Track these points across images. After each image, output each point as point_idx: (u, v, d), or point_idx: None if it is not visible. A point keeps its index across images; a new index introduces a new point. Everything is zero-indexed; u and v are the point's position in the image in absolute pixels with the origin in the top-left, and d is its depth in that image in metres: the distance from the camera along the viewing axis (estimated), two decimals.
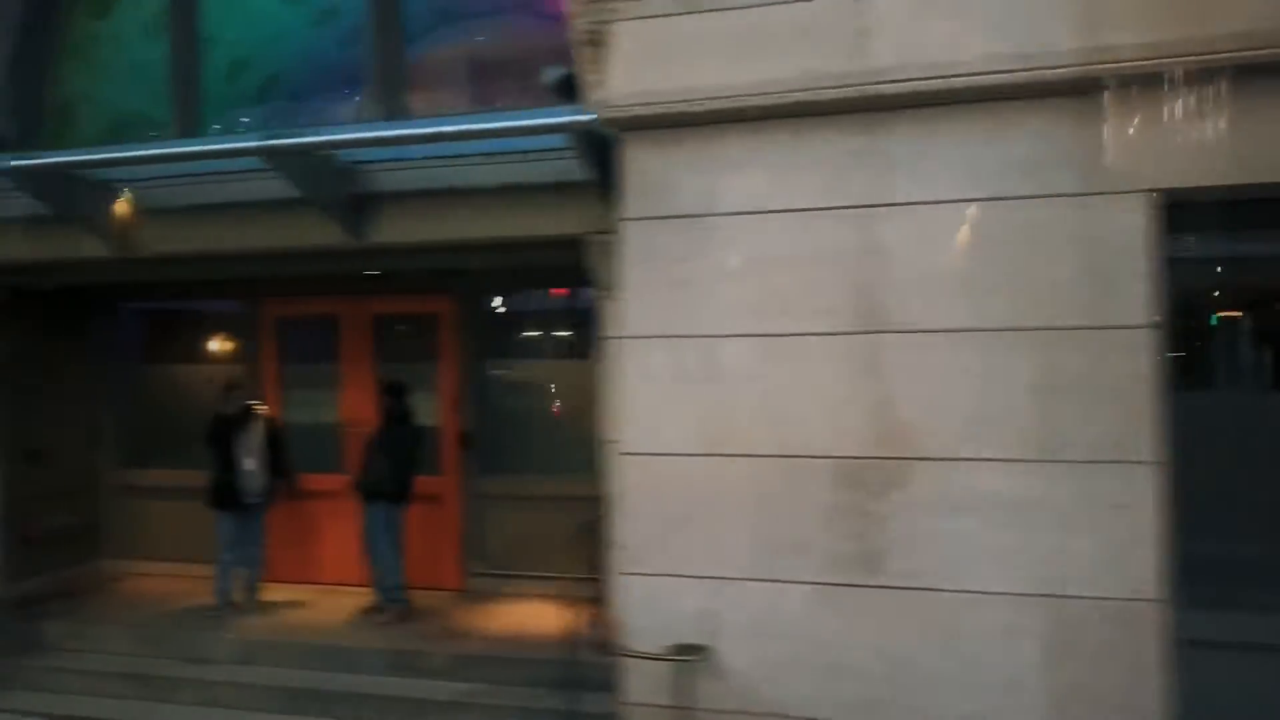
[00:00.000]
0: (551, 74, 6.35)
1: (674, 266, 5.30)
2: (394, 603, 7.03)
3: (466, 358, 7.83)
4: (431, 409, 7.76)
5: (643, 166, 5.34)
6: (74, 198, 6.63)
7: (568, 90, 6.33)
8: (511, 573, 7.62)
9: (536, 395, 7.84)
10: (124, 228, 6.44)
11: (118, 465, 8.76)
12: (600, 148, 5.59)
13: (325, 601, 7.60)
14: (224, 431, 7.27)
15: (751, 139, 5.14)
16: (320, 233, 6.47)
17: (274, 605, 7.47)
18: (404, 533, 7.16)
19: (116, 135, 8.57)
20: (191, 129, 7.33)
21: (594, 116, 5.15)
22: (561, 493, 7.51)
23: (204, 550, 8.29)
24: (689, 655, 5.05)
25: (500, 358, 7.98)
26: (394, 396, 7.21)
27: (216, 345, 8.71)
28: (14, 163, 5.95)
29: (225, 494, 7.24)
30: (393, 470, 7.02)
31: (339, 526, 7.95)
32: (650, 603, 5.29)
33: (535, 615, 7.08)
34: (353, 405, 8.11)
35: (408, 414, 7.24)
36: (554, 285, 7.76)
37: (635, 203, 5.38)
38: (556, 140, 5.99)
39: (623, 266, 5.45)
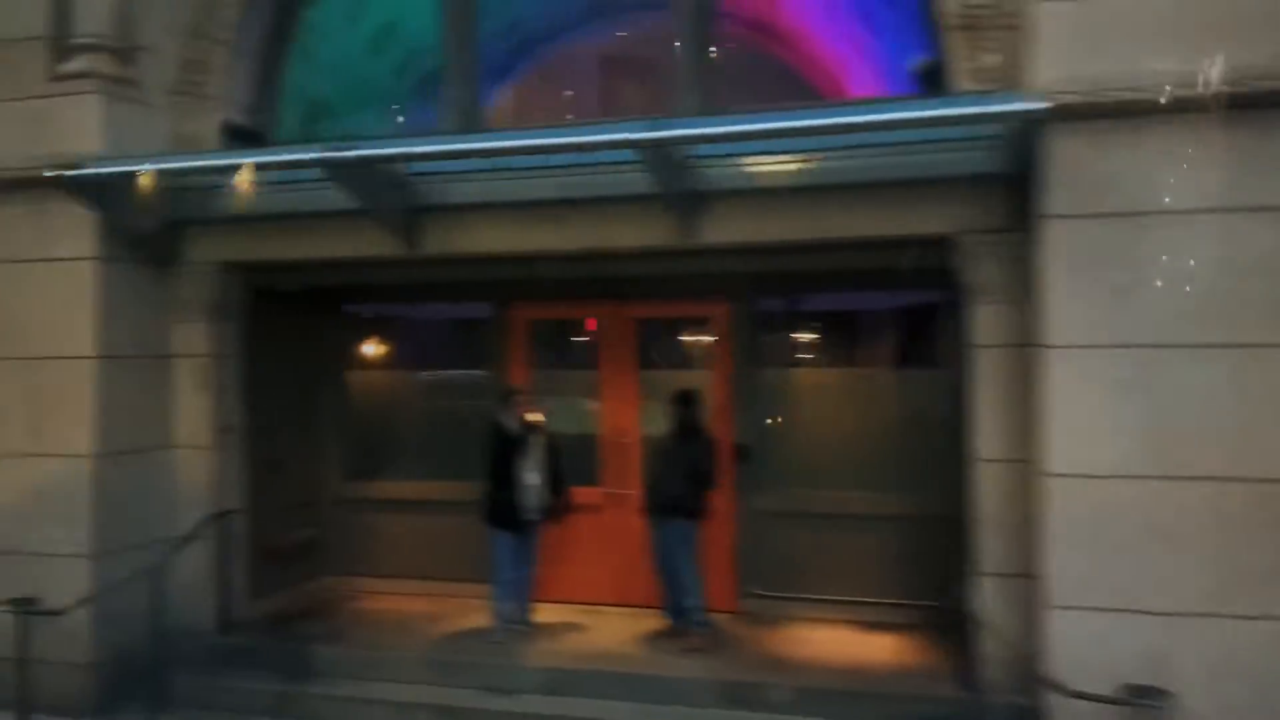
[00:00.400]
0: (917, 60, 5.90)
1: (1111, 269, 4.86)
2: (698, 626, 6.56)
3: (741, 364, 7.34)
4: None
5: (1072, 159, 4.90)
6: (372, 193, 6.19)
7: (933, 78, 5.88)
8: (796, 595, 7.13)
9: (823, 404, 7.33)
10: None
11: (342, 476, 8.30)
12: (1010, 139, 5.12)
13: (601, 623, 7.12)
14: (505, 445, 6.79)
15: (1208, 130, 4.69)
16: (649, 232, 6.03)
17: (550, 628, 7.00)
18: (700, 551, 6.68)
19: (312, 125, 8.15)
20: (473, 119, 6.84)
21: (1043, 105, 4.66)
22: (855, 510, 7.06)
23: (436, 567, 7.93)
24: (1145, 699, 4.60)
25: (780, 365, 7.50)
26: (685, 406, 6.73)
27: (457, 350, 8.25)
28: (352, 153, 5.47)
29: (505, 511, 6.75)
30: (688, 485, 6.55)
31: (600, 542, 7.51)
32: (1085, 640, 4.84)
33: (849, 642, 6.61)
34: (612, 414, 7.65)
35: (699, 425, 6.77)
36: (855, 287, 7.25)
37: (1061, 199, 4.93)
38: (917, 134, 5.52)
39: (1043, 269, 5.00)
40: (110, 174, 6.10)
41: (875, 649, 6.49)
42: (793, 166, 5.76)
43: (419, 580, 7.93)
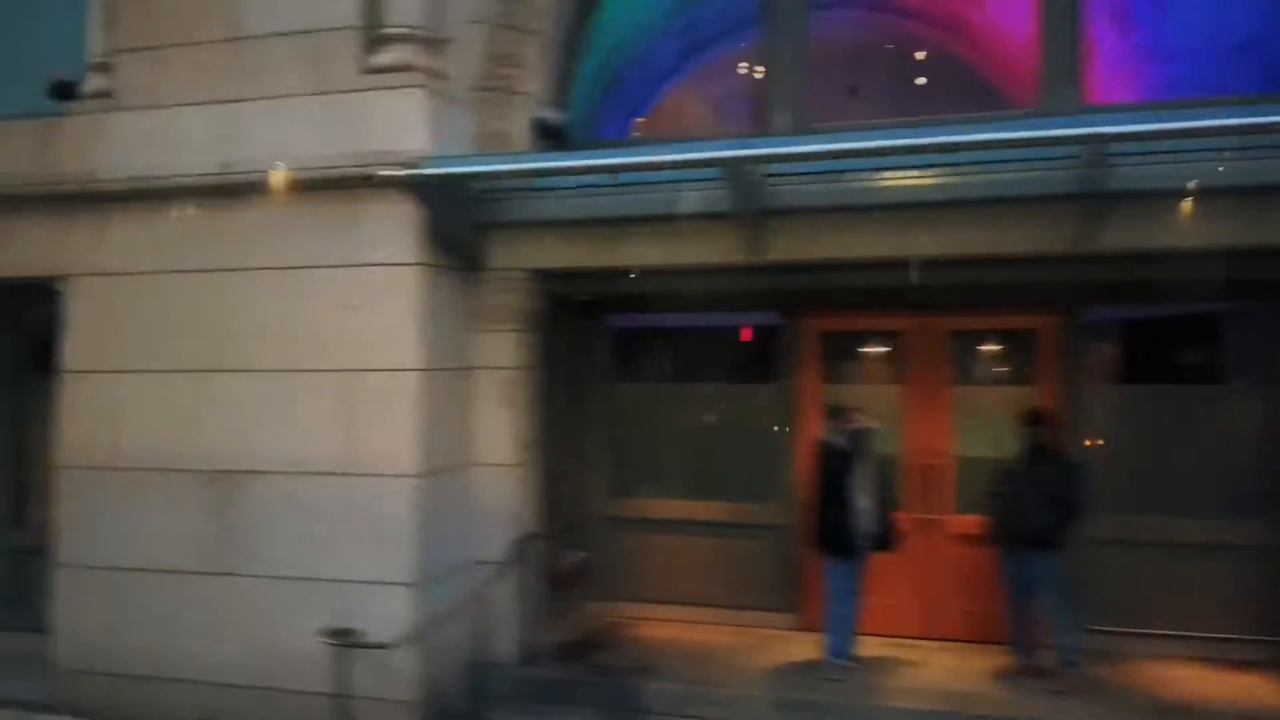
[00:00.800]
0: None
1: None
2: (1068, 667, 6.05)
3: (1070, 381, 6.82)
4: None
5: None
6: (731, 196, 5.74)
7: None
8: (1138, 630, 6.61)
9: (1157, 423, 6.80)
10: None
11: (609, 494, 7.82)
12: None
13: (927, 659, 6.62)
14: (835, 465, 6.31)
15: None
16: (1043, 236, 5.59)
17: (879, 663, 6.50)
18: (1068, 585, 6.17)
19: None
20: (802, 119, 6.38)
21: None
22: (1200, 538, 6.54)
23: (715, 593, 7.51)
24: None
25: (1110, 380, 6.98)
26: (1037, 426, 6.25)
27: (736, 363, 7.80)
28: (764, 150, 5.01)
29: (839, 537, 6.27)
30: (1052, 513, 6.04)
31: (905, 571, 7.00)
32: None
33: (1226, 684, 6.08)
34: (919, 433, 7.16)
35: (1052, 447, 6.27)
36: (1206, 298, 6.68)
37: None
38: None
39: None
40: (459, 174, 5.69)
41: (1265, 690, 5.96)
42: (1218, 166, 5.27)
43: (695, 607, 7.47)
